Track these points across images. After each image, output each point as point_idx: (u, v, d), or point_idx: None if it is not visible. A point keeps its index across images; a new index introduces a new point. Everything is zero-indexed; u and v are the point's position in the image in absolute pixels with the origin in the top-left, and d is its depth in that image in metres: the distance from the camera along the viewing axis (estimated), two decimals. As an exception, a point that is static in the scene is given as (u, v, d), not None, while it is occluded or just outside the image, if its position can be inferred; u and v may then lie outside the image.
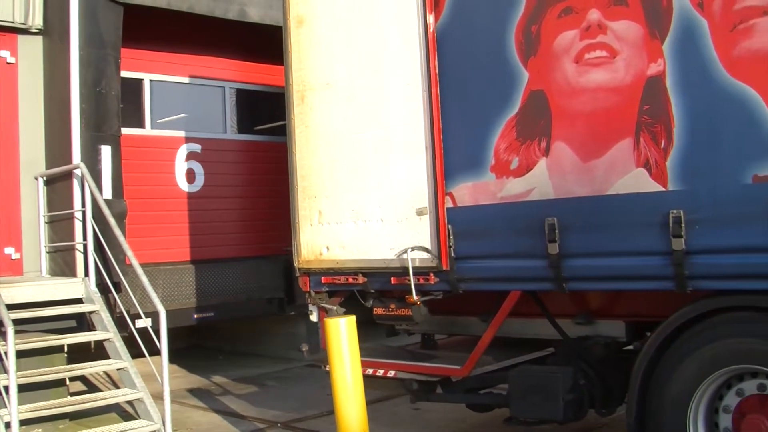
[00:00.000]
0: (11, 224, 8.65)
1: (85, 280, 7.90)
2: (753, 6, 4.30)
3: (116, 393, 7.34)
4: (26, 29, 8.65)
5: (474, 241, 5.46)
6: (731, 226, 4.37)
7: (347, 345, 5.07)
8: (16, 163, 8.68)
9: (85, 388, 8.94)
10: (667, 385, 4.71)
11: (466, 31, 5.49)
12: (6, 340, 5.97)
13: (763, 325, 4.39)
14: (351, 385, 5.07)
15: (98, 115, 8.39)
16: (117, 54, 8.56)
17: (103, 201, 7.73)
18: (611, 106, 4.80)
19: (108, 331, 7.43)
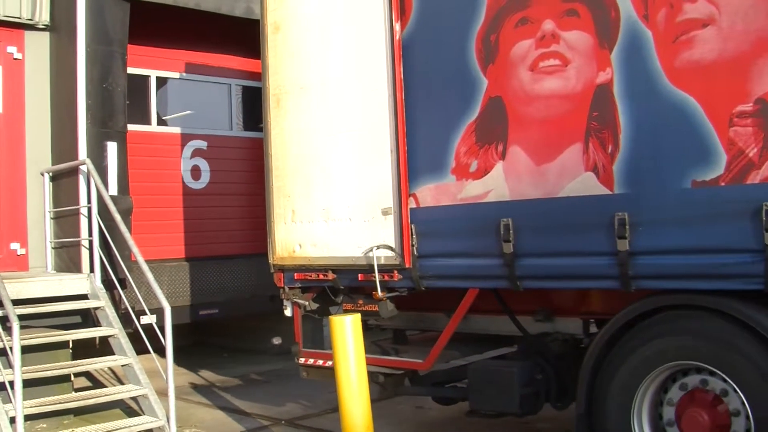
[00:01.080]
0: (17, 220, 8.57)
1: (90, 276, 7.77)
2: (694, 18, 4.40)
3: (121, 389, 7.28)
4: (33, 25, 8.55)
5: (435, 240, 5.57)
6: (672, 229, 4.48)
7: (353, 343, 5.02)
8: (22, 159, 8.59)
9: (90, 383, 8.89)
10: (613, 379, 4.82)
11: (430, 39, 5.59)
12: (11, 335, 5.90)
13: (700, 323, 4.50)
14: (356, 383, 5.01)
15: (104, 112, 8.28)
16: (123, 50, 8.44)
17: (109, 197, 7.61)
18: (563, 113, 4.91)
19: (113, 327, 7.31)
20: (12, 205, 8.52)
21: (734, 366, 4.34)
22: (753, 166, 4.20)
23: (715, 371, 4.45)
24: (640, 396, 4.74)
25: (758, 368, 4.24)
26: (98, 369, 8.55)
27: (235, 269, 10.18)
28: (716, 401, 4.56)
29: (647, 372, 4.68)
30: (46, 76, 8.69)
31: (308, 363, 6.56)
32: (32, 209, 8.59)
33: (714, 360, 4.42)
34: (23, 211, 8.58)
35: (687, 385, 4.68)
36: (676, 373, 4.71)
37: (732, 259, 4.28)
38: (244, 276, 10.27)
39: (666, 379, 4.77)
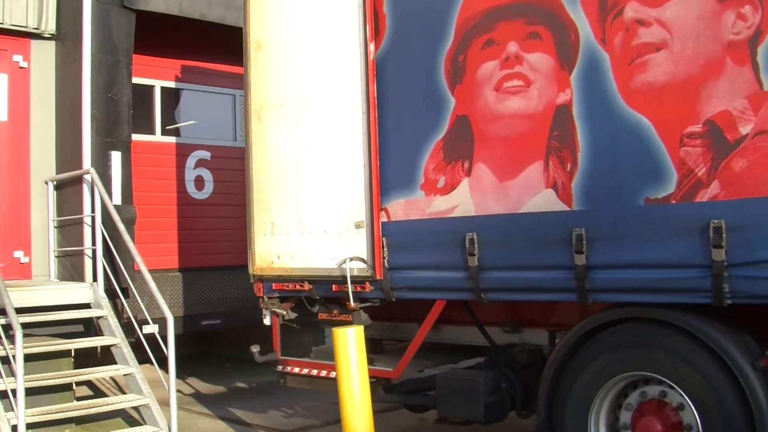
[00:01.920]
0: (21, 228, 8.50)
1: (93, 285, 7.71)
2: (648, 42, 4.50)
3: (122, 398, 7.20)
4: (39, 34, 8.53)
5: (405, 253, 5.65)
6: (626, 244, 4.57)
7: (355, 355, 4.96)
8: (26, 167, 8.55)
9: (92, 393, 8.77)
10: (572, 388, 4.89)
11: (402, 59, 5.69)
12: (14, 343, 5.83)
13: (652, 336, 4.58)
14: (358, 395, 4.95)
15: (109, 121, 8.23)
16: (129, 60, 8.40)
17: (113, 206, 7.57)
18: (525, 132, 5.00)
19: (115, 336, 7.24)
20: (16, 213, 8.47)
21: (684, 377, 4.41)
22: (702, 184, 4.28)
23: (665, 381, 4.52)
24: (597, 405, 4.81)
25: (706, 378, 4.32)
26: (100, 378, 8.46)
27: (238, 280, 9.84)
28: (670, 411, 4.63)
29: (603, 382, 4.75)
30: (52, 85, 8.67)
31: (285, 370, 6.63)
32: (36, 218, 8.54)
33: (665, 371, 4.50)
34: (27, 220, 8.54)
35: (647, 394, 4.75)
36: (636, 382, 4.79)
37: (682, 274, 4.36)
38: (247, 286, 9.87)
39: (622, 389, 4.84)
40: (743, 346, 4.31)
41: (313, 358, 6.65)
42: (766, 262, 4.10)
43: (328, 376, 6.32)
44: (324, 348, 6.80)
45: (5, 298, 6.17)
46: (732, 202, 4.18)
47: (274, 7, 6.52)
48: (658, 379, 4.59)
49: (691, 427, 4.47)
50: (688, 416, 4.48)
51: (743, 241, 4.15)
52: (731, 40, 4.21)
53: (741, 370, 4.21)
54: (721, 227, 4.19)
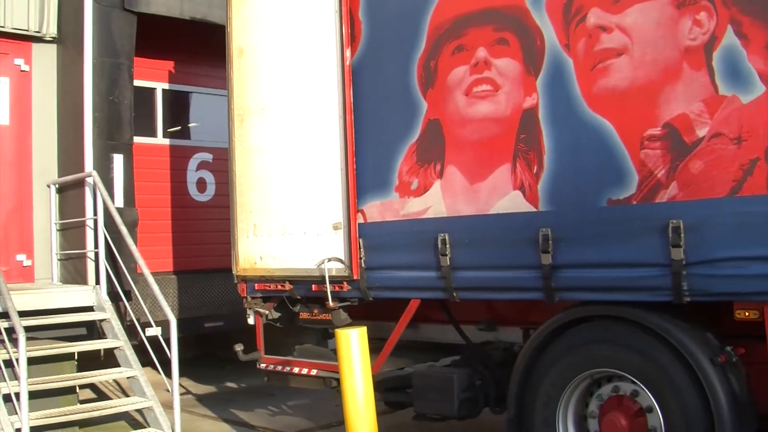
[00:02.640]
0: (23, 231, 8.36)
1: (96, 288, 7.55)
2: (609, 48, 4.56)
3: (126, 401, 7.03)
4: (41, 37, 8.37)
5: (381, 254, 5.71)
6: (590, 244, 4.63)
7: (359, 357, 4.85)
8: (28, 171, 8.40)
9: (95, 395, 8.64)
10: (540, 385, 4.95)
11: (377, 64, 5.75)
12: (17, 347, 5.73)
13: (616, 333, 4.64)
14: (362, 397, 4.82)
15: (111, 124, 8.09)
16: (130, 63, 8.26)
17: (115, 209, 7.44)
18: (493, 135, 5.06)
19: (118, 339, 7.09)
20: (18, 216, 8.37)
21: (647, 373, 4.47)
22: (661, 186, 4.34)
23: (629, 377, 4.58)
24: (565, 401, 4.87)
25: (668, 374, 4.38)
26: (103, 381, 8.34)
27: (240, 282, 9.92)
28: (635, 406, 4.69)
29: (570, 379, 4.81)
30: (53, 88, 8.56)
31: (269, 368, 6.69)
32: (38, 221, 8.42)
33: (629, 367, 4.56)
34: (29, 223, 8.42)
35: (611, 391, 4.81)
36: (602, 378, 4.85)
37: (643, 273, 4.42)
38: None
39: (590, 386, 4.90)
40: (703, 342, 4.37)
41: (296, 357, 6.71)
42: (722, 260, 4.16)
43: (309, 374, 6.39)
44: (307, 347, 6.86)
45: (8, 301, 6.10)
46: (690, 203, 4.25)
47: (256, 15, 6.58)
48: (622, 375, 4.65)
49: (655, 422, 4.52)
50: (651, 412, 4.54)
51: (700, 241, 4.22)
52: (688, 45, 4.27)
53: (700, 365, 4.27)
54: (679, 227, 4.26)
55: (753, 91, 4.07)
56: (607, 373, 4.75)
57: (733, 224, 4.12)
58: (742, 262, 4.10)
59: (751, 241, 4.07)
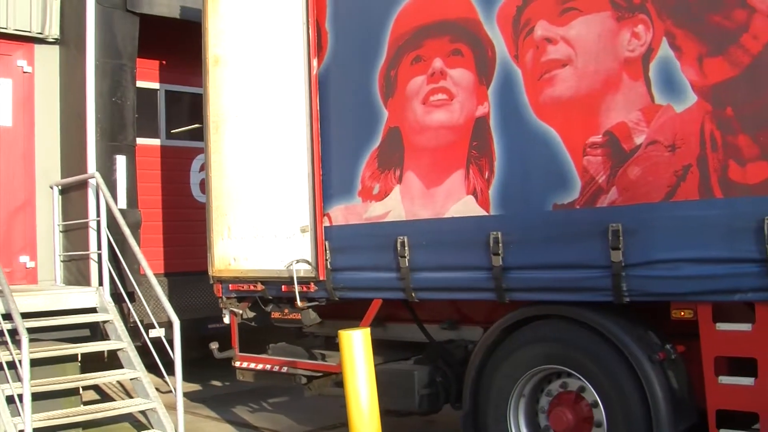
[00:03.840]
0: (26, 233, 8.19)
1: (99, 289, 7.38)
2: (555, 59, 4.66)
3: (129, 402, 6.84)
4: (43, 39, 8.19)
5: (345, 255, 5.81)
6: (537, 247, 4.73)
7: (362, 357, 4.70)
8: (31, 172, 8.24)
9: (98, 397, 8.37)
10: (492, 381, 5.05)
11: (342, 74, 5.84)
12: (20, 348, 5.62)
13: (561, 331, 4.74)
14: (365, 398, 4.70)
15: (113, 125, 7.91)
16: (133, 64, 8.10)
17: (118, 210, 7.28)
18: (448, 142, 5.15)
19: (121, 340, 6.94)
20: (21, 218, 8.23)
21: (590, 369, 4.58)
22: (602, 191, 4.44)
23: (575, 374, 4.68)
24: (515, 397, 4.98)
25: (609, 371, 4.48)
26: (107, 382, 8.13)
27: (244, 283, 9.59)
28: (581, 401, 4.79)
29: (520, 375, 4.91)
30: (56, 90, 8.39)
31: (243, 366, 6.79)
32: (41, 222, 8.25)
33: (574, 364, 4.66)
34: (32, 225, 8.26)
35: (559, 387, 4.91)
36: (551, 375, 4.94)
37: (586, 274, 4.52)
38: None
39: (541, 381, 5.00)
40: (643, 340, 4.47)
41: (270, 355, 6.80)
42: (658, 262, 4.26)
43: (280, 371, 6.48)
44: (281, 345, 6.95)
45: (11, 303, 5.99)
46: (628, 207, 4.34)
47: (229, 25, 6.67)
48: (570, 372, 4.74)
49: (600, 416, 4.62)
50: (597, 407, 4.63)
51: (638, 244, 4.32)
52: (627, 56, 4.37)
53: (639, 362, 4.37)
54: (618, 230, 4.35)
55: (686, 101, 4.17)
56: (555, 369, 4.85)
57: (668, 228, 4.21)
58: (677, 263, 4.20)
59: (685, 243, 4.16)
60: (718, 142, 4.06)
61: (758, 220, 3.90)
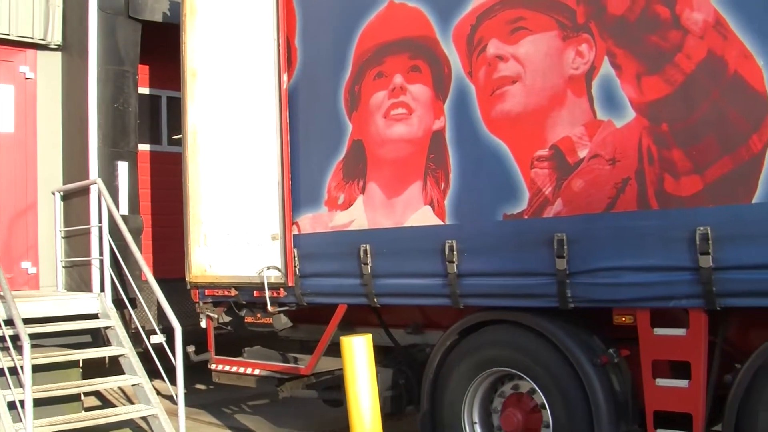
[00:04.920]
0: (28, 239, 8.13)
1: (100, 295, 7.28)
2: (505, 76, 4.78)
3: (131, 409, 6.78)
4: (45, 45, 8.14)
5: (313, 262, 5.93)
6: (489, 255, 4.85)
7: (363, 364, 4.59)
8: (33, 178, 8.17)
9: (100, 403, 8.28)
10: (448, 383, 5.17)
11: (310, 88, 5.97)
12: (22, 354, 5.54)
13: (512, 336, 4.86)
14: (367, 404, 4.59)
15: (115, 132, 7.82)
16: (135, 70, 7.99)
17: (120, 217, 7.18)
18: (407, 154, 5.28)
19: (123, 346, 6.85)
20: (23, 224, 8.16)
21: (537, 372, 4.70)
22: (548, 202, 4.56)
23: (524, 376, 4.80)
24: (469, 398, 5.09)
25: (554, 374, 4.60)
26: (108, 388, 8.01)
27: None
28: (530, 403, 4.90)
29: (473, 377, 5.03)
30: (58, 96, 8.31)
31: (218, 368, 6.90)
32: (43, 228, 8.17)
33: (522, 367, 4.78)
34: (34, 230, 8.18)
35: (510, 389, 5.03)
36: (504, 377, 5.06)
37: (534, 281, 4.63)
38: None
39: (495, 383, 5.11)
40: (587, 345, 4.58)
41: (245, 358, 6.91)
42: (600, 270, 4.38)
43: (253, 374, 6.60)
44: (256, 348, 7.06)
45: (13, 308, 5.93)
46: (572, 218, 4.46)
47: (206, 40, 6.81)
48: (518, 374, 4.86)
49: (548, 418, 4.73)
50: (544, 408, 4.75)
51: (581, 252, 4.43)
52: (571, 74, 4.49)
53: (581, 366, 4.49)
54: (563, 240, 4.47)
55: (625, 117, 4.29)
56: (507, 372, 4.96)
57: (609, 237, 4.33)
58: (617, 271, 4.32)
59: (624, 252, 4.28)
60: (654, 156, 4.18)
61: (691, 230, 4.02)
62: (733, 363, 4.26)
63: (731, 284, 3.94)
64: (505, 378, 5.06)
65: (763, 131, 3.84)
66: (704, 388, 4.15)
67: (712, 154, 3.99)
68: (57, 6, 8.12)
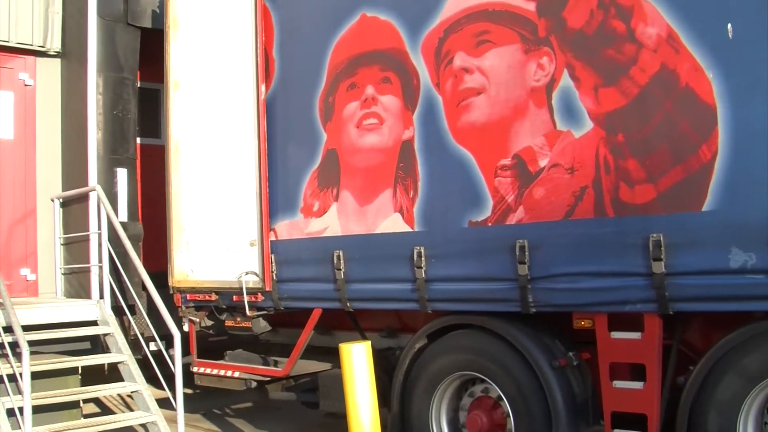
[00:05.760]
0: (27, 246, 8.02)
1: (99, 302, 7.17)
2: (471, 87, 4.88)
3: (130, 416, 6.63)
4: (45, 52, 8.04)
5: (289, 268, 6.01)
6: (455, 261, 4.94)
7: (362, 371, 4.63)
8: (32, 185, 8.06)
9: (99, 410, 8.14)
10: (417, 384, 5.25)
11: (286, 99, 6.06)
12: (21, 361, 5.48)
13: (476, 340, 4.94)
14: (366, 411, 4.61)
15: (115, 138, 7.71)
16: (134, 77, 7.90)
17: (119, 223, 7.08)
18: (378, 163, 5.37)
19: (122, 353, 6.74)
20: (22, 230, 8.04)
21: (499, 375, 4.79)
22: (511, 210, 4.65)
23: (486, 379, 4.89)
24: (437, 399, 5.19)
25: (515, 376, 4.68)
26: (107, 395, 7.85)
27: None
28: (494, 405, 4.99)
29: (440, 380, 5.12)
30: (57, 103, 8.20)
31: (200, 371, 6.97)
32: (42, 235, 8.04)
33: (485, 370, 4.87)
34: (33, 237, 8.07)
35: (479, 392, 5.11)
36: (475, 379, 5.14)
37: (497, 286, 4.73)
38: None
39: (465, 383, 5.20)
40: (547, 348, 4.67)
41: (227, 361, 6.98)
42: (559, 276, 4.47)
43: (233, 376, 6.67)
44: (237, 351, 7.12)
45: (12, 315, 5.86)
46: (533, 225, 4.56)
47: (187, 52, 6.89)
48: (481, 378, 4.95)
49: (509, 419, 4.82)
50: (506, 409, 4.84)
51: (542, 258, 4.52)
52: (533, 86, 4.59)
53: (540, 368, 4.58)
54: (524, 246, 4.56)
55: (583, 127, 4.38)
56: (472, 375, 5.04)
57: (568, 244, 4.43)
58: (576, 277, 4.41)
59: (582, 259, 4.38)
60: (610, 166, 4.27)
61: (644, 237, 4.11)
62: (689, 365, 4.34)
63: (682, 289, 4.03)
64: (476, 380, 5.14)
65: (712, 142, 3.94)
66: (659, 390, 4.23)
67: (664, 164, 4.09)
68: (56, 13, 8.08)
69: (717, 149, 3.92)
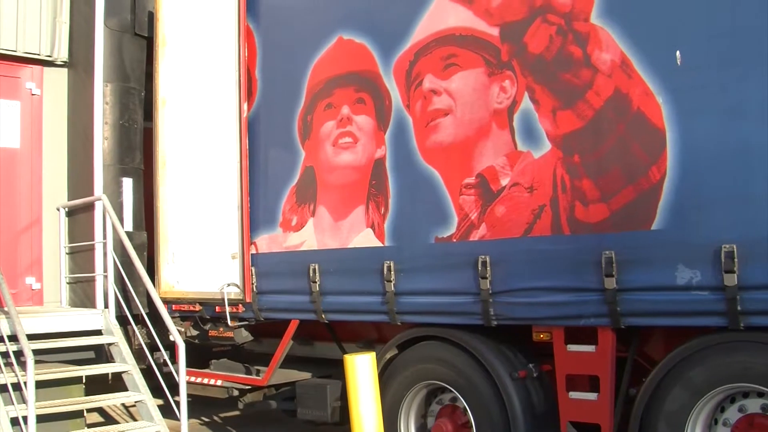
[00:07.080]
0: (33, 255, 7.93)
1: (104, 311, 7.06)
2: (439, 108, 5.01)
3: (134, 425, 6.51)
4: (52, 61, 7.97)
5: (268, 280, 6.13)
6: (422, 275, 5.05)
7: (367, 383, 4.54)
8: (38, 194, 7.98)
9: (103, 419, 7.90)
10: (386, 394, 5.34)
11: (268, 117, 6.20)
12: (26, 370, 5.42)
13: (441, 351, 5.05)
14: (370, 423, 4.53)
15: (121, 148, 7.62)
16: (141, 87, 7.79)
17: (124, 233, 6.98)
18: (352, 180, 5.50)
19: (126, 363, 6.63)
20: (28, 239, 7.96)
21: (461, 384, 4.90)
22: (474, 226, 4.77)
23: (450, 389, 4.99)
24: (405, 408, 5.30)
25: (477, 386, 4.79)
26: (111, 405, 7.63)
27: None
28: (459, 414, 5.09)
29: (407, 389, 5.23)
30: (64, 112, 8.09)
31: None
32: (48, 244, 7.92)
33: (449, 380, 4.97)
34: (39, 246, 7.95)
35: (448, 400, 5.21)
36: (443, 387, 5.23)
37: (461, 300, 4.84)
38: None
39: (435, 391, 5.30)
40: (508, 360, 4.77)
41: (212, 369, 7.08)
42: (519, 290, 4.59)
43: (216, 384, 6.78)
44: (222, 360, 7.22)
45: (17, 324, 5.77)
46: (494, 241, 4.67)
47: (175, 69, 7.03)
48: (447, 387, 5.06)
49: None
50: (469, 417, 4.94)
51: (502, 273, 4.64)
52: (496, 108, 4.72)
53: (500, 379, 4.69)
54: (486, 262, 4.68)
55: (542, 148, 4.50)
56: (438, 385, 5.14)
57: (527, 260, 4.54)
58: (534, 291, 4.52)
59: (540, 274, 4.49)
60: (567, 185, 4.39)
61: (597, 254, 4.23)
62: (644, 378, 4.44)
63: (633, 304, 4.14)
64: (445, 388, 5.23)
65: (661, 163, 4.06)
66: (611, 401, 4.33)
67: (617, 184, 4.21)
68: (64, 23, 8.05)
69: (666, 170, 4.03)
